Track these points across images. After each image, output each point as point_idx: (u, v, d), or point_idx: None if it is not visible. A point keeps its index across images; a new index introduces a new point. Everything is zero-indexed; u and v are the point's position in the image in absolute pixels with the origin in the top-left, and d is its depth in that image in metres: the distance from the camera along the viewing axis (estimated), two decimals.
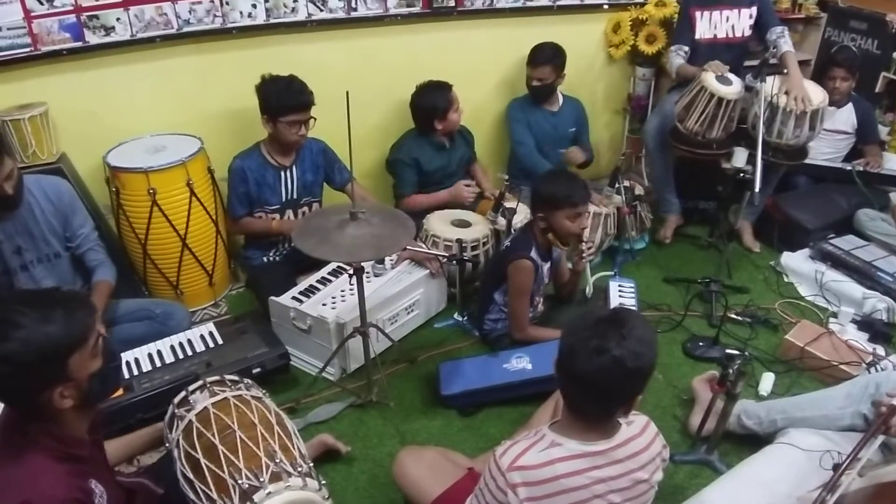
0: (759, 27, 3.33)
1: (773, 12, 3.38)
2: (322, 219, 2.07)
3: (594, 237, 3.14)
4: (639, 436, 1.48)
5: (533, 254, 2.56)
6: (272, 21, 2.99)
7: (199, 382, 1.76)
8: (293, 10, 3.00)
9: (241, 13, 2.91)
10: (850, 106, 3.74)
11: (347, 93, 1.94)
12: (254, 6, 2.93)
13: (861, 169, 3.61)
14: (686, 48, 3.33)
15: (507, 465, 1.40)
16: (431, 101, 3.18)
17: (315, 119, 2.81)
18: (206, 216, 2.90)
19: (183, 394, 1.74)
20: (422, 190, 3.29)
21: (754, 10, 3.30)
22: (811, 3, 4.10)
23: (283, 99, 2.72)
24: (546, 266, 2.68)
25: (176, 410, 1.71)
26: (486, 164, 3.67)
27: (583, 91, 3.74)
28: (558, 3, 3.58)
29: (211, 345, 2.48)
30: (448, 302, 3.03)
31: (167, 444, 1.70)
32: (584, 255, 2.66)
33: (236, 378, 1.83)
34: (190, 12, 2.82)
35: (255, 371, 2.38)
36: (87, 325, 1.39)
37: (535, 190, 2.56)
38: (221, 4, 2.86)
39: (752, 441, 2.25)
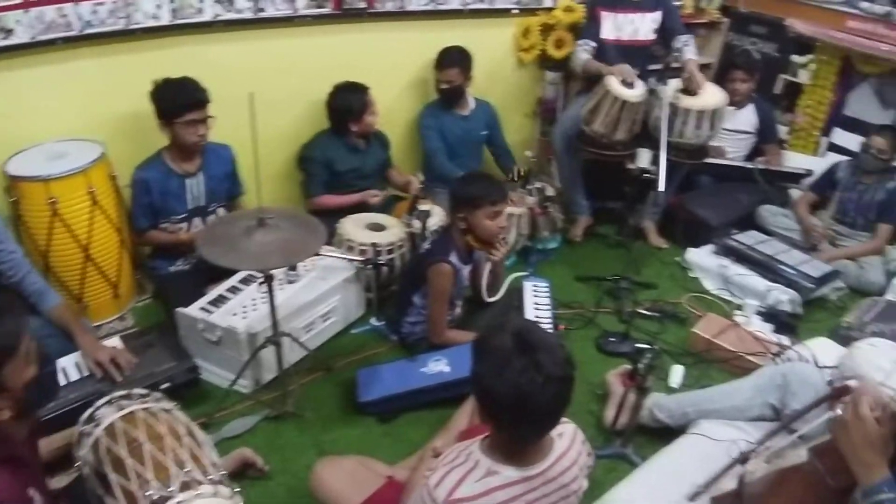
0: (665, 33, 3.43)
1: (679, 20, 3.49)
2: (228, 226, 2.01)
3: (508, 237, 3.17)
4: (569, 449, 1.48)
5: (452, 257, 2.56)
6: (178, 21, 2.88)
7: (106, 398, 1.73)
8: (199, 10, 2.90)
9: (145, 14, 2.79)
10: (751, 107, 3.94)
11: (251, 94, 1.88)
12: (158, 7, 2.81)
13: (762, 167, 3.80)
14: (592, 44, 3.40)
15: (443, 499, 1.35)
16: (347, 102, 3.15)
17: (214, 118, 2.73)
18: (110, 225, 2.76)
19: (90, 410, 1.70)
20: (333, 191, 3.26)
21: (658, 14, 3.40)
22: (714, 9, 4.28)
23: (178, 98, 2.65)
24: (466, 269, 2.69)
25: (83, 428, 1.68)
26: (400, 165, 3.65)
27: (494, 95, 3.77)
28: (469, 6, 3.60)
29: None
30: (366, 307, 2.99)
31: (77, 463, 1.66)
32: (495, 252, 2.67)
33: (144, 391, 1.80)
34: (93, 13, 2.68)
35: (163, 386, 2.28)
36: (17, 333, 1.38)
37: (454, 192, 2.57)
38: (125, 5, 2.73)
39: (666, 432, 2.31)
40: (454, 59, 3.41)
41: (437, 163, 3.48)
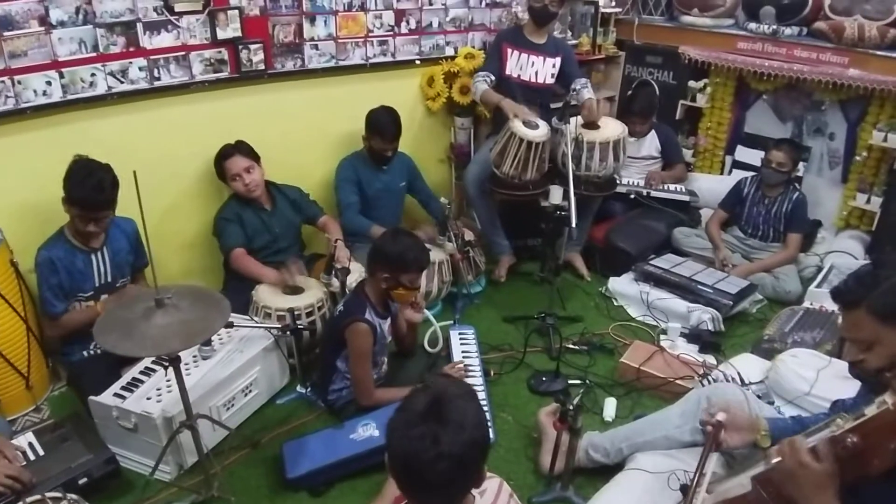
0: (564, 77, 3.55)
1: (576, 66, 3.63)
2: (125, 309, 1.90)
3: (431, 286, 3.15)
4: None
5: (368, 315, 2.51)
6: (70, 97, 2.78)
7: None
8: (91, 84, 2.81)
9: (35, 92, 2.68)
10: (652, 133, 4.08)
11: (135, 172, 1.83)
12: (48, 83, 2.71)
13: (645, 192, 3.95)
14: (492, 77, 3.48)
15: None
16: (214, 168, 3.13)
17: (111, 214, 2.65)
18: (14, 314, 2.61)
19: None
20: (252, 255, 3.13)
21: (558, 60, 3.51)
22: (609, 44, 4.44)
23: (75, 191, 2.55)
24: (386, 324, 2.64)
25: None
26: None
27: (407, 144, 3.76)
28: (371, 61, 3.62)
29: (31, 457, 2.23)
30: (290, 375, 2.89)
31: None
32: (420, 306, 2.67)
33: (59, 495, 1.72)
34: None
35: (81, 482, 2.16)
36: None
37: (381, 249, 2.51)
38: (13, 84, 2.62)
39: (605, 470, 2.29)
40: (398, 130, 3.41)
41: (348, 217, 3.41)
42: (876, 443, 1.32)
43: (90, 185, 2.54)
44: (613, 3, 4.37)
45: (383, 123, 3.38)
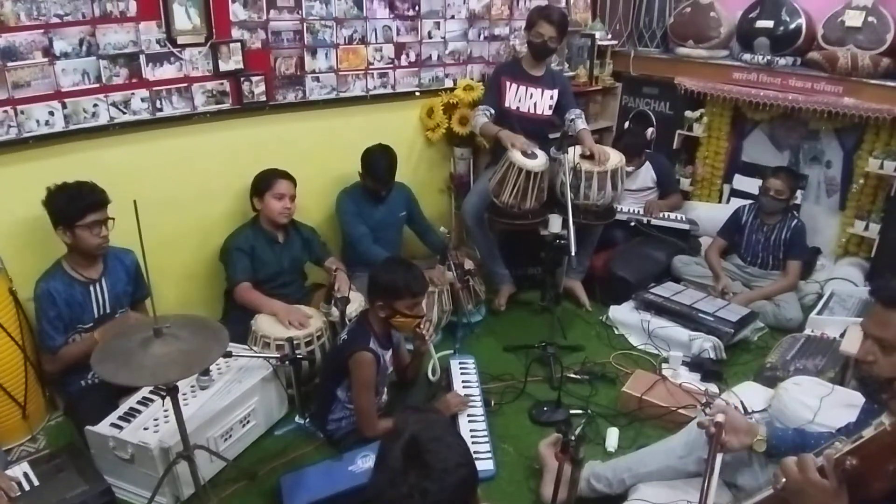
0: (559, 109, 3.59)
1: (571, 97, 3.67)
2: (124, 339, 1.89)
3: (431, 315, 3.14)
4: None
5: (372, 344, 2.50)
6: (72, 127, 2.80)
7: None
8: (94, 114, 2.84)
9: (37, 122, 2.70)
10: (646, 164, 4.11)
11: (135, 202, 1.83)
12: (51, 113, 2.73)
13: (645, 219, 3.97)
14: (491, 110, 3.52)
15: None
16: (256, 180, 3.14)
17: (114, 219, 2.64)
18: (12, 342, 2.60)
19: None
20: (256, 286, 3.13)
21: (556, 92, 3.56)
22: (606, 76, 4.50)
23: (77, 201, 2.56)
24: (388, 354, 2.63)
25: None
26: None
27: (408, 174, 3.81)
28: (371, 92, 3.66)
29: (26, 488, 2.21)
30: (289, 405, 2.86)
31: None
32: (425, 336, 2.64)
33: None
34: None
35: None
36: None
37: (374, 279, 2.52)
38: (16, 114, 2.65)
39: (608, 501, 2.26)
40: (391, 174, 3.43)
41: (363, 248, 3.42)
42: (875, 465, 1.30)
43: (87, 189, 2.59)
44: (610, 36, 4.45)
45: (377, 166, 3.40)
